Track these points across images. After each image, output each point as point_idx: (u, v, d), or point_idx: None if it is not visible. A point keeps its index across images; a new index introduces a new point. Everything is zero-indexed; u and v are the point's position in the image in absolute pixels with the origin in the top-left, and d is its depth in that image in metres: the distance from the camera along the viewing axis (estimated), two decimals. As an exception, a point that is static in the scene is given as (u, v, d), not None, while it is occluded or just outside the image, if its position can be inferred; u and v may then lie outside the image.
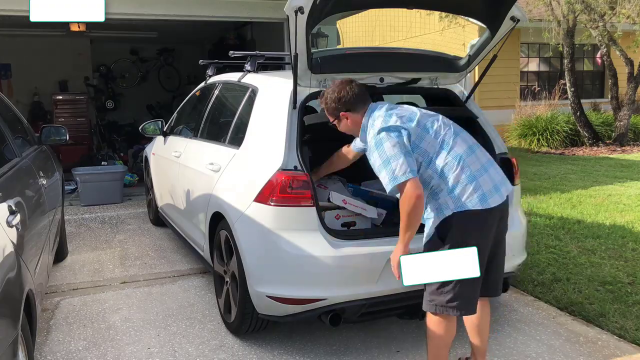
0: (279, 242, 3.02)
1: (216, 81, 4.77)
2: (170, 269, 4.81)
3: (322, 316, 3.04)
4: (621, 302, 3.86)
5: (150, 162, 6.09)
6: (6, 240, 2.25)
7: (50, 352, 3.33)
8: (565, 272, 4.43)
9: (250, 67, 4.08)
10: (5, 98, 4.31)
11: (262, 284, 3.09)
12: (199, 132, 4.60)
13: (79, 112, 10.80)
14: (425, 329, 2.83)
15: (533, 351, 3.26)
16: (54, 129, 4.74)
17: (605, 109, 13.93)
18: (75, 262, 5.04)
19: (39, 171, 3.79)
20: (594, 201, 6.88)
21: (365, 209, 3.37)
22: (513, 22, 3.21)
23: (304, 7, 2.73)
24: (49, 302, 4.05)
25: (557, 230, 5.59)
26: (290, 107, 3.22)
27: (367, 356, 3.23)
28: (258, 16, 8.26)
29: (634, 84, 11.89)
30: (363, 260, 2.99)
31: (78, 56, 11.41)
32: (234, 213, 3.31)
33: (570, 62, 12.20)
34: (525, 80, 14.87)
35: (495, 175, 2.69)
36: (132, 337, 3.50)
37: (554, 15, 11.59)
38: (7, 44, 10.18)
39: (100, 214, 7.00)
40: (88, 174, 7.55)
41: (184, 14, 7.83)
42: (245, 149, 3.55)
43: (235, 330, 3.46)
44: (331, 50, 4.01)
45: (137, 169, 8.87)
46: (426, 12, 11.03)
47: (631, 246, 5.03)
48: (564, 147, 12.23)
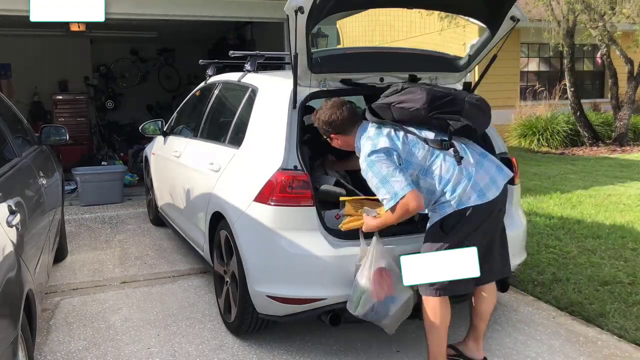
0: (279, 242, 3.02)
1: (216, 81, 4.77)
2: (170, 268, 4.81)
3: (322, 316, 3.04)
4: (621, 302, 3.86)
5: (150, 162, 6.09)
6: (6, 240, 2.25)
7: (50, 352, 3.33)
8: (565, 272, 4.43)
9: (250, 67, 4.08)
10: (5, 98, 4.31)
11: (262, 283, 3.09)
12: (199, 132, 4.60)
13: (79, 112, 10.81)
14: (424, 328, 2.83)
15: (533, 351, 3.26)
16: (54, 129, 4.74)
17: (605, 109, 13.93)
18: (75, 262, 5.04)
19: (39, 171, 3.79)
20: (594, 201, 6.88)
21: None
22: (513, 22, 3.22)
23: (304, 6, 2.73)
24: (49, 302, 4.05)
25: (557, 230, 5.59)
26: (290, 107, 3.22)
27: (367, 356, 3.23)
28: (258, 16, 8.26)
29: (634, 84, 11.88)
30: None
31: (78, 56, 11.40)
32: (234, 213, 3.31)
33: (570, 62, 12.20)
34: (525, 80, 14.86)
35: (490, 167, 2.83)
36: (132, 337, 3.50)
37: (553, 15, 11.59)
38: (7, 44, 10.17)
39: (100, 214, 7.00)
40: (88, 174, 7.55)
41: (183, 14, 7.83)
42: (245, 149, 3.55)
43: (235, 330, 3.46)
44: (331, 50, 4.02)
45: (137, 169, 8.86)
46: (426, 12, 11.03)
47: (631, 246, 5.03)
48: (564, 147, 12.23)
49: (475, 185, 2.74)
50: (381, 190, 2.69)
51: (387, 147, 2.74)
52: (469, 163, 2.77)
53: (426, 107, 2.78)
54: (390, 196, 2.66)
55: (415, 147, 2.78)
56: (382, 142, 2.76)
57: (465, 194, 2.72)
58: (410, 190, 2.64)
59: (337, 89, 3.40)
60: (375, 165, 2.71)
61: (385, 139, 2.77)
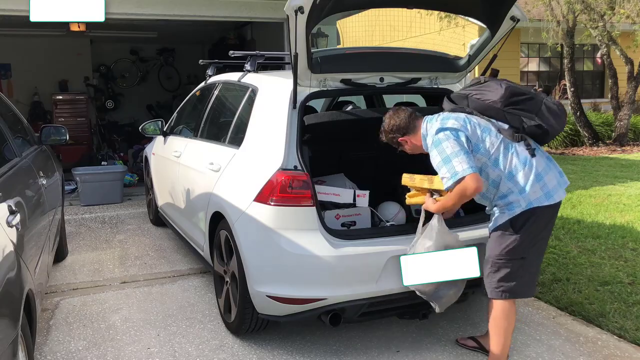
0: (279, 242, 3.02)
1: (216, 81, 4.77)
2: (170, 269, 4.81)
3: (322, 316, 3.04)
4: (621, 302, 3.86)
5: (150, 162, 6.09)
6: (6, 240, 2.25)
7: (50, 352, 3.33)
8: (565, 272, 4.43)
9: (250, 67, 4.08)
10: (5, 98, 4.31)
11: (262, 283, 3.09)
12: (199, 132, 4.60)
13: (79, 112, 10.80)
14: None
15: (533, 351, 3.26)
16: (54, 129, 4.74)
17: (605, 109, 13.92)
18: (75, 262, 5.04)
19: (39, 171, 3.79)
20: (594, 201, 6.88)
21: (338, 194, 3.37)
22: (513, 22, 3.22)
23: (304, 6, 2.73)
24: (49, 302, 4.05)
25: (557, 230, 5.59)
26: (290, 107, 3.22)
27: (367, 356, 3.23)
28: (258, 16, 8.26)
29: (634, 84, 11.88)
30: (363, 260, 2.99)
31: (78, 56, 11.40)
32: (234, 213, 3.31)
33: (570, 62, 12.20)
34: (525, 80, 14.86)
35: (556, 171, 2.87)
36: (132, 337, 3.50)
37: (553, 15, 11.59)
38: (7, 44, 10.18)
39: (100, 214, 7.00)
40: (88, 174, 7.55)
41: (184, 14, 7.83)
42: (245, 149, 3.55)
43: (235, 330, 3.45)
44: (331, 50, 4.01)
45: (137, 169, 8.87)
46: (426, 12, 11.03)
47: (631, 246, 5.03)
48: (564, 147, 12.23)
49: (545, 186, 2.76)
50: (442, 168, 2.69)
51: (455, 127, 2.75)
52: (540, 162, 2.79)
53: (503, 101, 2.82)
54: (450, 175, 2.65)
55: (486, 133, 2.79)
56: (452, 123, 2.78)
57: (535, 193, 2.74)
58: (471, 173, 2.62)
59: (337, 89, 3.40)
60: (442, 143, 2.72)
61: (455, 120, 2.79)
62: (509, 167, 2.76)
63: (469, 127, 2.78)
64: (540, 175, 2.77)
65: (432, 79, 3.62)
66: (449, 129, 2.75)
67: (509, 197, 2.77)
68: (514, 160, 2.77)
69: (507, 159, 2.77)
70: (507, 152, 2.78)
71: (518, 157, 2.77)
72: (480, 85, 2.93)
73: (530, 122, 2.81)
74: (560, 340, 3.39)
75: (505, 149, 2.78)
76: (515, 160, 2.77)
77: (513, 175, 2.75)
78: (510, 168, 2.76)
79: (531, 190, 2.73)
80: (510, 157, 2.77)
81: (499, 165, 2.76)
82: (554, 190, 2.79)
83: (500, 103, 2.83)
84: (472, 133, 2.77)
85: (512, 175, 2.75)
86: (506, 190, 2.77)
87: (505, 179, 2.76)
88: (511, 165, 2.76)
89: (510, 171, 2.76)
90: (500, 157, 2.77)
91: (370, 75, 3.41)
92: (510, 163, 2.76)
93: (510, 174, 2.76)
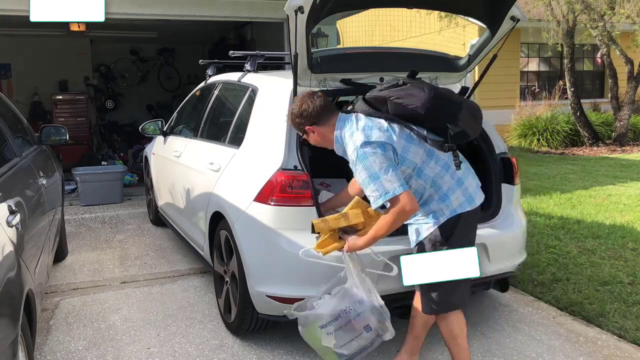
0: (279, 242, 3.02)
1: (216, 81, 4.77)
2: (170, 269, 4.81)
3: (322, 316, 3.04)
4: (621, 302, 3.86)
5: (150, 162, 6.09)
6: (6, 240, 2.25)
7: (50, 352, 3.33)
8: (565, 272, 4.43)
9: (250, 67, 4.08)
10: (5, 98, 4.31)
11: (262, 283, 3.09)
12: (199, 132, 4.60)
13: (79, 112, 10.81)
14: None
15: (533, 351, 3.26)
16: (54, 129, 4.74)
17: (605, 109, 13.92)
18: (75, 262, 5.04)
19: (39, 171, 3.79)
20: (594, 201, 6.88)
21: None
22: (513, 22, 3.22)
23: (304, 6, 2.73)
24: (49, 302, 4.05)
25: (557, 230, 5.59)
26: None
27: (367, 356, 3.23)
28: (258, 16, 8.27)
29: (634, 84, 11.88)
30: (363, 260, 2.98)
31: (78, 56, 11.40)
32: (234, 213, 3.31)
33: (570, 62, 12.20)
34: (525, 80, 14.86)
35: (471, 172, 2.83)
36: (132, 337, 3.50)
37: (553, 15, 11.58)
38: (7, 44, 10.18)
39: (100, 214, 7.00)
40: (88, 174, 7.55)
41: (184, 14, 7.84)
42: (245, 149, 3.55)
43: (235, 330, 3.45)
44: (331, 50, 4.01)
45: (137, 169, 8.87)
46: (426, 12, 11.03)
47: (631, 246, 5.03)
48: (564, 147, 12.23)
49: (466, 191, 2.71)
50: (370, 186, 2.50)
51: (382, 141, 2.55)
52: (460, 167, 2.71)
53: (428, 106, 2.61)
54: (379, 194, 2.48)
55: (411, 142, 2.64)
56: (377, 135, 2.58)
57: (457, 199, 2.67)
58: (403, 192, 2.47)
59: (337, 89, 3.40)
60: (368, 158, 2.52)
61: (379, 132, 2.59)
62: (432, 175, 2.64)
63: (395, 137, 2.59)
64: (461, 180, 2.70)
65: (432, 79, 3.61)
66: (376, 143, 2.54)
67: (431, 205, 2.67)
68: (436, 168, 2.65)
69: (431, 167, 2.65)
70: (429, 160, 2.64)
71: (440, 164, 2.66)
72: (401, 88, 2.71)
73: (456, 128, 2.62)
74: (560, 340, 3.39)
75: (428, 157, 2.64)
76: (438, 167, 2.66)
77: (436, 183, 2.65)
78: (433, 176, 2.64)
79: (454, 197, 2.66)
80: (433, 165, 2.65)
81: (422, 175, 2.64)
82: (474, 193, 2.74)
83: (424, 108, 2.61)
84: (397, 144, 2.58)
85: (435, 182, 2.65)
86: (428, 199, 2.67)
87: (429, 187, 2.66)
88: (434, 173, 2.65)
89: (434, 179, 2.65)
90: (424, 166, 2.64)
91: (370, 75, 3.41)
92: (434, 171, 2.65)
93: (434, 182, 2.65)
